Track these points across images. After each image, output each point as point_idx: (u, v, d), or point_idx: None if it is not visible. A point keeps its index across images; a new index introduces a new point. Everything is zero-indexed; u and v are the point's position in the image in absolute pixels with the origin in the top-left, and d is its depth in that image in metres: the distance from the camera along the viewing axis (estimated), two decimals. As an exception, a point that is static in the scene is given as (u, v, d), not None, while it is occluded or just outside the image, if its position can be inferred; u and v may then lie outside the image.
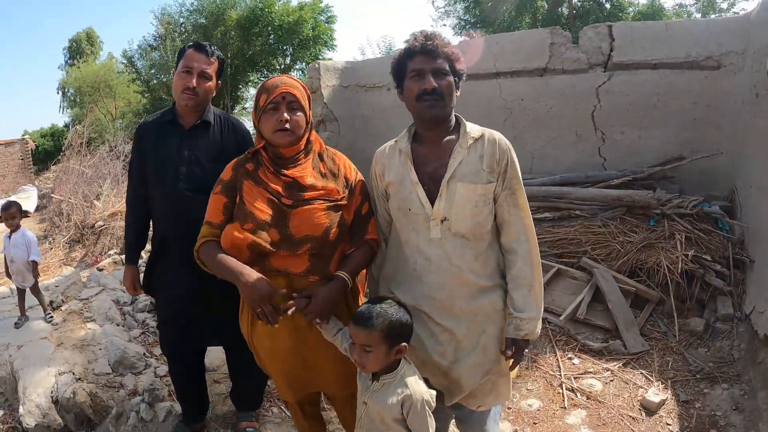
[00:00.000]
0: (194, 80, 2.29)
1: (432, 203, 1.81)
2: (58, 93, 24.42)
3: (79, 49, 29.21)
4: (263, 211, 1.82)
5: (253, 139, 2.10)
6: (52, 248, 7.72)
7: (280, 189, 1.85)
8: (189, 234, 2.12)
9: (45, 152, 20.44)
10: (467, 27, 19.56)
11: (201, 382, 2.75)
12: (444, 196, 1.80)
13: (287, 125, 1.81)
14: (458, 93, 1.85)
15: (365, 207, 1.99)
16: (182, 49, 2.38)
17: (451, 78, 1.80)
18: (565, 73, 5.09)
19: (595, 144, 5.10)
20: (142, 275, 2.64)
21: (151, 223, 2.57)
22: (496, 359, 1.92)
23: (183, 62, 2.32)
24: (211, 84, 2.38)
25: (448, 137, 1.85)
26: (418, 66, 1.79)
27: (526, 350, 2.10)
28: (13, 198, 12.57)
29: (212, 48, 2.37)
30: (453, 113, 1.88)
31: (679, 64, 4.68)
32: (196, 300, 2.35)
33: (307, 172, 1.88)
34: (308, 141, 1.92)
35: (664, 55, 4.70)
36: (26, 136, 17.15)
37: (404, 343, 1.71)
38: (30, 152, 16.10)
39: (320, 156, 1.97)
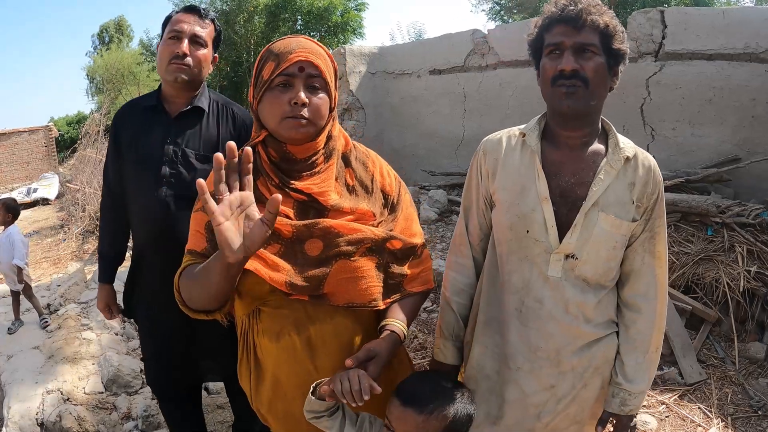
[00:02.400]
0: (184, 45, 1.77)
1: (559, 230, 1.36)
2: (86, 79, 24.65)
3: (108, 36, 29.43)
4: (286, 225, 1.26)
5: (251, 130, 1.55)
6: (65, 240, 7.56)
7: (289, 213, 1.28)
8: (174, 253, 1.74)
9: (71, 140, 20.55)
10: (501, 12, 18.91)
11: (197, 420, 2.30)
12: (579, 227, 1.35)
13: (304, 111, 1.22)
14: (615, 82, 1.38)
15: (414, 235, 1.42)
16: (168, 15, 1.88)
17: (600, 59, 1.30)
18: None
19: (643, 140, 4.65)
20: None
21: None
22: (590, 416, 1.53)
23: (169, 27, 1.82)
24: (206, 53, 1.85)
25: (592, 146, 1.39)
26: (555, 39, 1.32)
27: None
28: (34, 185, 12.60)
29: (206, 10, 1.88)
30: (600, 114, 1.42)
31: (737, 56, 4.24)
32: (186, 331, 1.87)
33: (329, 184, 1.30)
34: (330, 137, 1.32)
35: (720, 45, 4.27)
36: (50, 123, 17.19)
37: None
38: (54, 139, 16.14)
39: (345, 159, 1.38)
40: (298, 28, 17.56)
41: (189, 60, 1.79)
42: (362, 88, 6.43)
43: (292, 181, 1.28)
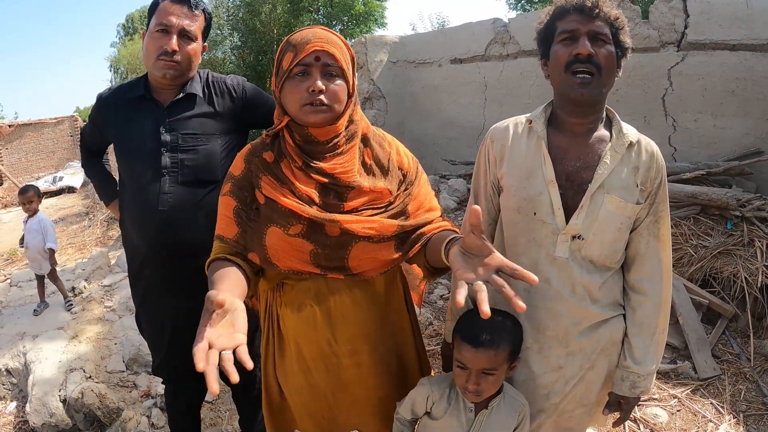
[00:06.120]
0: (173, 41, 1.68)
1: (566, 212, 1.41)
2: (110, 70, 25.00)
3: (133, 27, 29.78)
4: (308, 205, 1.31)
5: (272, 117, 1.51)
6: (90, 226, 7.72)
7: (312, 194, 1.32)
8: (175, 250, 1.73)
9: (95, 128, 20.83)
10: (522, 1, 18.61)
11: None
12: (585, 208, 1.39)
13: (322, 97, 1.26)
14: (619, 74, 1.43)
15: (431, 209, 1.45)
16: (154, 1, 1.74)
17: (612, 48, 1.36)
18: (634, 51, 4.48)
19: (665, 131, 4.57)
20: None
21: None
22: (597, 402, 1.57)
23: (156, 18, 1.70)
24: (196, 46, 1.76)
25: (597, 132, 1.44)
26: (570, 26, 1.36)
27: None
28: (60, 174, 12.87)
29: None
30: (605, 102, 1.46)
31: (761, 46, 4.12)
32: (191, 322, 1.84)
33: (353, 164, 1.34)
34: (351, 120, 1.36)
35: (744, 35, 4.16)
36: (76, 114, 17.46)
37: (518, 358, 1.47)
38: (79, 129, 16.42)
39: (364, 139, 1.42)
40: (320, 17, 17.54)
41: (178, 56, 1.70)
42: (383, 77, 6.42)
43: (316, 162, 1.32)
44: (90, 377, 2.88)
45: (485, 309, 0.96)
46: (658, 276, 1.46)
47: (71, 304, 3.66)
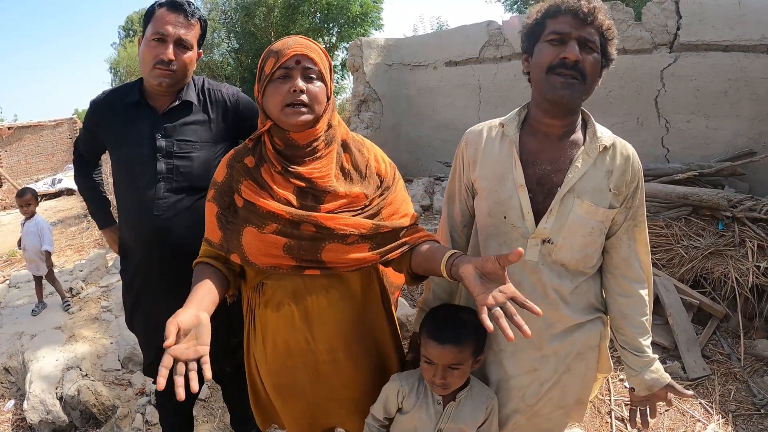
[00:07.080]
0: (170, 50, 1.70)
1: (536, 216, 1.41)
2: (109, 72, 25.03)
3: (132, 28, 29.82)
4: (286, 206, 1.36)
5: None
6: (88, 228, 7.75)
7: (290, 197, 1.36)
8: (171, 252, 1.74)
9: (95, 131, 20.84)
10: (518, 3, 18.63)
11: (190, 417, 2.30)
12: (555, 212, 1.39)
13: (303, 97, 1.31)
14: (599, 82, 1.42)
15: (405, 215, 1.48)
16: (150, 8, 1.74)
17: (598, 56, 1.35)
18: (627, 53, 4.60)
19: (657, 133, 4.62)
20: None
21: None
22: (575, 402, 1.59)
23: (153, 26, 1.71)
24: (192, 55, 1.77)
25: (572, 136, 1.42)
26: (562, 28, 1.32)
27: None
28: (59, 176, 12.89)
29: (192, 6, 1.75)
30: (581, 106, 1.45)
31: (753, 47, 4.17)
32: None
33: (330, 168, 1.39)
34: (329, 125, 1.41)
35: (736, 36, 4.21)
36: (74, 116, 17.48)
37: (483, 352, 1.50)
38: (78, 131, 16.42)
39: (344, 145, 1.46)
40: (316, 21, 17.58)
41: (174, 66, 1.72)
42: (379, 79, 6.45)
43: (295, 166, 1.37)
44: (86, 375, 2.92)
45: (511, 335, 1.05)
46: (642, 276, 1.49)
47: (68, 305, 3.70)
